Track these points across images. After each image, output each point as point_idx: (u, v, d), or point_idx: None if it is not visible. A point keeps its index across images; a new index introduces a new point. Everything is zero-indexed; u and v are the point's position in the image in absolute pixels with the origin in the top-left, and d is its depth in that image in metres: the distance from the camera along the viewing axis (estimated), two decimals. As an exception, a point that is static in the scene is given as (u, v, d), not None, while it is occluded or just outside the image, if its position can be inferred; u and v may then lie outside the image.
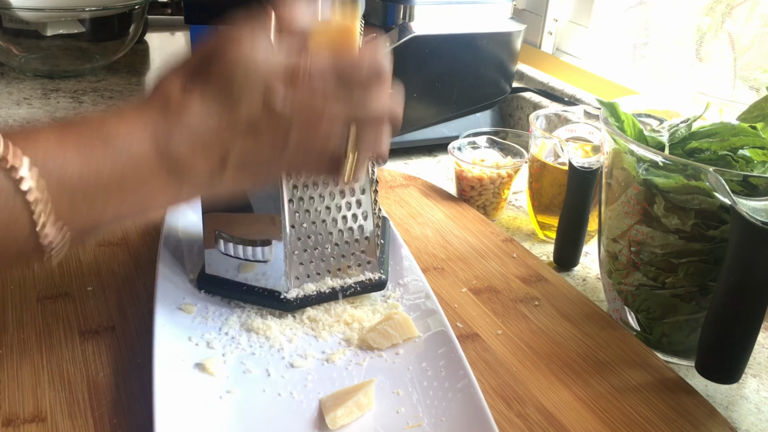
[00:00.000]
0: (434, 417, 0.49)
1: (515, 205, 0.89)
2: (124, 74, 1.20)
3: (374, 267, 0.61)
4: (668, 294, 0.58)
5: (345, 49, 0.44)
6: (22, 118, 0.99)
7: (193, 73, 0.42)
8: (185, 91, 0.41)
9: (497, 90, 1.00)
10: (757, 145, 0.56)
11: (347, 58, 0.43)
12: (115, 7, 1.14)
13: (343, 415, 0.49)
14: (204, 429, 0.48)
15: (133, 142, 0.40)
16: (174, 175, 0.41)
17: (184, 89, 0.41)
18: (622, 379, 0.56)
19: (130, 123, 0.40)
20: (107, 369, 0.53)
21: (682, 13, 0.97)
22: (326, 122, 0.43)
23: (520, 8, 1.15)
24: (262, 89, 0.42)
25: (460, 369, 0.52)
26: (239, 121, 0.42)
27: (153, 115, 0.41)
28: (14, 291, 0.62)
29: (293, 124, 0.43)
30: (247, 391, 0.52)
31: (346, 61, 0.43)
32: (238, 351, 0.55)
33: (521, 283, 0.68)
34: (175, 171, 0.41)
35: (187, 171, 0.42)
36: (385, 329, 0.56)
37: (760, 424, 0.56)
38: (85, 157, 0.38)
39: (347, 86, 0.43)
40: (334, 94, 0.43)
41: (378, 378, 0.53)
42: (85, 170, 0.38)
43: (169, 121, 0.41)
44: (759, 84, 0.86)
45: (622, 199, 0.60)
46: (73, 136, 0.39)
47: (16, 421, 0.48)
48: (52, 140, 0.38)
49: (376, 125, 0.46)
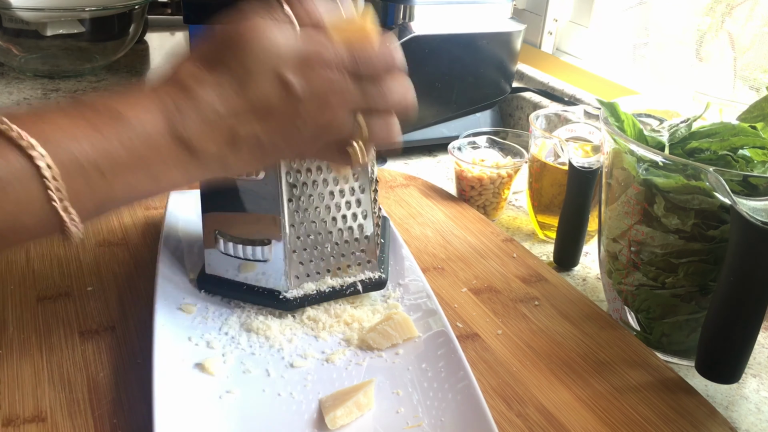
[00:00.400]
0: (434, 417, 0.49)
1: (515, 205, 0.89)
2: (124, 74, 1.20)
3: (374, 266, 0.61)
4: (668, 294, 0.58)
5: (361, 44, 0.45)
6: (22, 118, 0.99)
7: (208, 57, 0.43)
8: (200, 73, 0.42)
9: (497, 90, 1.00)
10: (757, 145, 0.56)
11: (363, 51, 0.44)
12: (115, 7, 1.14)
13: (342, 415, 0.49)
14: (203, 429, 0.48)
15: (146, 121, 0.40)
16: (186, 154, 0.42)
17: (199, 71, 0.42)
18: (622, 379, 0.56)
19: (143, 102, 0.41)
20: (107, 369, 0.53)
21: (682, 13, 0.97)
22: (338, 109, 0.44)
23: (520, 8, 1.15)
24: (276, 73, 0.42)
25: (460, 369, 0.52)
26: (252, 104, 0.42)
27: (167, 96, 0.41)
28: (14, 291, 0.62)
29: (305, 110, 0.43)
30: (247, 391, 0.52)
31: (362, 54, 0.44)
32: (237, 351, 0.55)
33: (521, 283, 0.68)
34: (186, 150, 0.42)
35: (199, 150, 0.42)
36: (384, 329, 0.56)
37: (760, 424, 0.56)
38: (98, 134, 0.39)
39: (360, 76, 0.44)
40: (346, 83, 0.44)
41: (378, 378, 0.53)
42: (98, 147, 0.39)
43: (182, 101, 0.41)
44: (759, 84, 0.86)
45: (622, 199, 0.60)
46: (86, 113, 0.39)
47: (16, 421, 0.48)
48: (64, 119, 0.39)
49: (387, 114, 0.47)
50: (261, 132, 0.43)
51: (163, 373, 0.50)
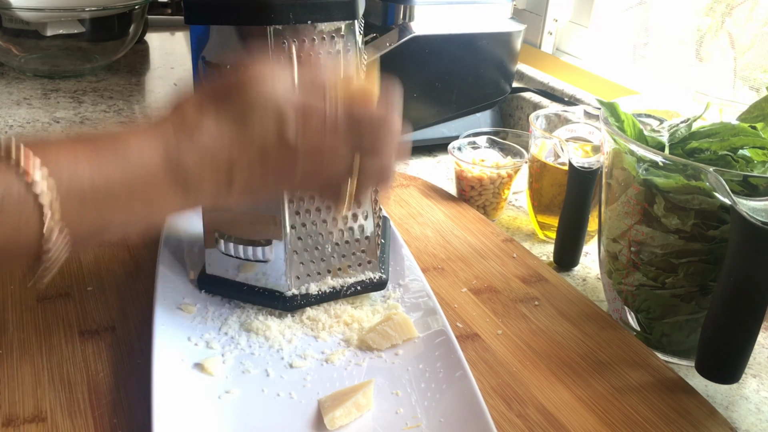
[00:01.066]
0: (433, 418, 0.49)
1: (515, 205, 0.89)
2: (124, 74, 1.20)
3: (374, 267, 0.61)
4: (668, 294, 0.58)
5: (362, 103, 0.46)
6: (22, 118, 0.99)
7: (212, 97, 0.44)
8: (201, 110, 0.43)
9: (497, 90, 1.00)
10: (757, 145, 0.56)
11: (362, 110, 0.46)
12: (115, 7, 1.14)
13: (341, 416, 0.49)
14: (202, 429, 0.48)
15: (144, 153, 0.41)
16: (181, 188, 0.43)
17: (201, 109, 0.43)
18: (622, 379, 0.56)
19: (142, 136, 0.42)
20: (107, 369, 0.53)
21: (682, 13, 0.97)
22: (333, 161, 0.46)
23: (520, 8, 1.15)
24: (277, 120, 0.43)
25: (459, 370, 0.52)
26: (250, 147, 0.43)
27: (166, 130, 0.42)
28: (14, 291, 0.62)
29: (301, 158, 0.45)
30: (246, 391, 0.52)
31: (361, 112, 0.46)
32: (237, 351, 0.55)
33: (521, 283, 0.68)
34: (182, 183, 0.42)
35: (195, 185, 0.43)
36: (384, 330, 0.56)
37: (760, 424, 0.56)
38: (96, 164, 0.39)
39: (358, 133, 0.46)
40: (344, 137, 0.45)
41: (377, 379, 0.53)
42: (96, 177, 0.39)
43: (182, 136, 0.42)
44: (759, 84, 0.86)
45: (622, 199, 0.60)
46: (85, 145, 0.40)
47: (16, 421, 0.48)
48: (64, 148, 0.39)
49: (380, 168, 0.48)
50: (256, 172, 0.44)
51: (163, 373, 0.50)
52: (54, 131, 0.96)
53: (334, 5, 0.53)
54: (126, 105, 1.07)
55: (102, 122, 1.00)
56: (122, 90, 1.13)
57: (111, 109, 1.05)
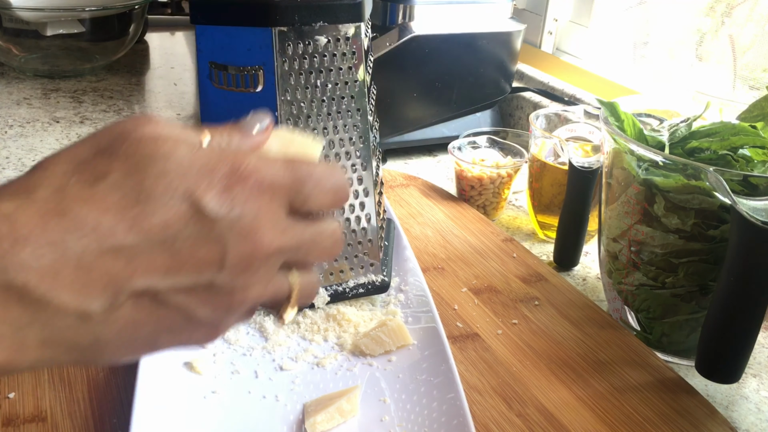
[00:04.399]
0: (419, 426, 0.49)
1: (515, 205, 0.89)
2: (124, 74, 1.20)
3: (377, 269, 0.61)
4: (668, 294, 0.58)
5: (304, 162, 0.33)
6: (22, 118, 0.99)
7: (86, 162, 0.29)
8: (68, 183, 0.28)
9: (497, 90, 1.00)
10: (757, 145, 0.56)
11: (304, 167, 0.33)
12: (115, 7, 1.14)
13: (323, 421, 0.48)
14: (181, 428, 0.48)
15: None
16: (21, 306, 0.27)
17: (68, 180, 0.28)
18: (622, 379, 0.56)
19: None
20: (107, 369, 0.53)
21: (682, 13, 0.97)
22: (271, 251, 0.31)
23: (520, 8, 1.15)
24: (187, 188, 0.29)
25: (450, 381, 0.50)
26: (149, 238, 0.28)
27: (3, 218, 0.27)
28: (14, 291, 0.62)
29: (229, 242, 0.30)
30: (233, 392, 0.51)
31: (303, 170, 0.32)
32: (229, 351, 0.55)
33: (521, 283, 0.68)
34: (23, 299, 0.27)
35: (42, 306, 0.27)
36: (378, 336, 0.55)
37: (760, 424, 0.56)
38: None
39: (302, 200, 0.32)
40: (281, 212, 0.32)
41: (365, 385, 0.52)
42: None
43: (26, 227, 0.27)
44: (759, 84, 0.86)
45: (622, 199, 0.60)
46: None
47: (16, 421, 0.48)
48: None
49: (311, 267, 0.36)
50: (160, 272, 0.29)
51: (149, 370, 0.50)
52: (54, 131, 0.96)
53: (339, 8, 0.53)
54: (126, 105, 1.07)
55: (102, 122, 1.00)
56: (122, 90, 1.13)
57: (111, 109, 1.05)
